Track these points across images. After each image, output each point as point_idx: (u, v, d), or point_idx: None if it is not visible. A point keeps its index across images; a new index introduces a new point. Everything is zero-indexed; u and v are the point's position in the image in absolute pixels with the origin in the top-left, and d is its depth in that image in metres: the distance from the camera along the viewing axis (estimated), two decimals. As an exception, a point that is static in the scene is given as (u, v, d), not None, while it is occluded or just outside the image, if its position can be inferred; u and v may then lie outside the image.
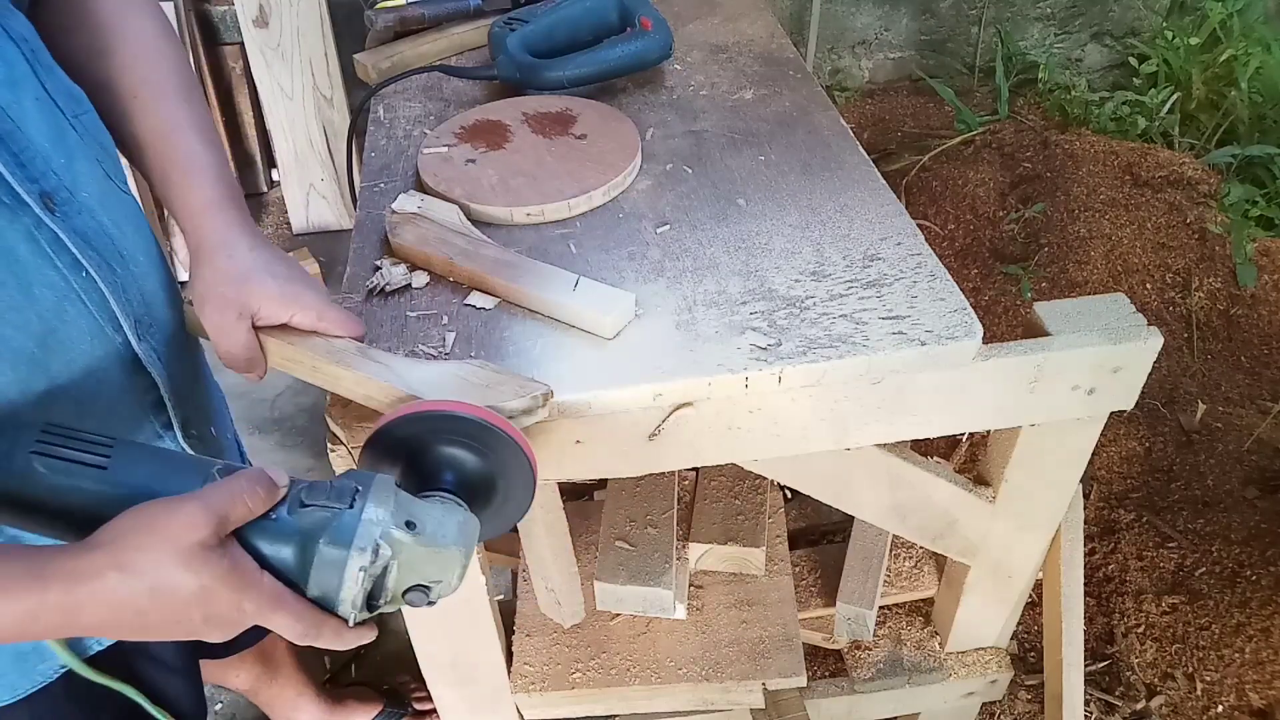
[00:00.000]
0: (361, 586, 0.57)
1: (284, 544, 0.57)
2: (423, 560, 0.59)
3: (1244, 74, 2.52)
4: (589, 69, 1.09)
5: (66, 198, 0.68)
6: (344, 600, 0.58)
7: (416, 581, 0.60)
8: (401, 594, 0.60)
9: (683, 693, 1.10)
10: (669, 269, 0.83)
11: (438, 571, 0.60)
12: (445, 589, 0.62)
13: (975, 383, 0.77)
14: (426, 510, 0.61)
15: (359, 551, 0.56)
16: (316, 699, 1.50)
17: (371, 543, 0.57)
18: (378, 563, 0.57)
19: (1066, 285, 2.16)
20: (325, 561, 0.57)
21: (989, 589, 1.05)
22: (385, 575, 0.58)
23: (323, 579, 0.57)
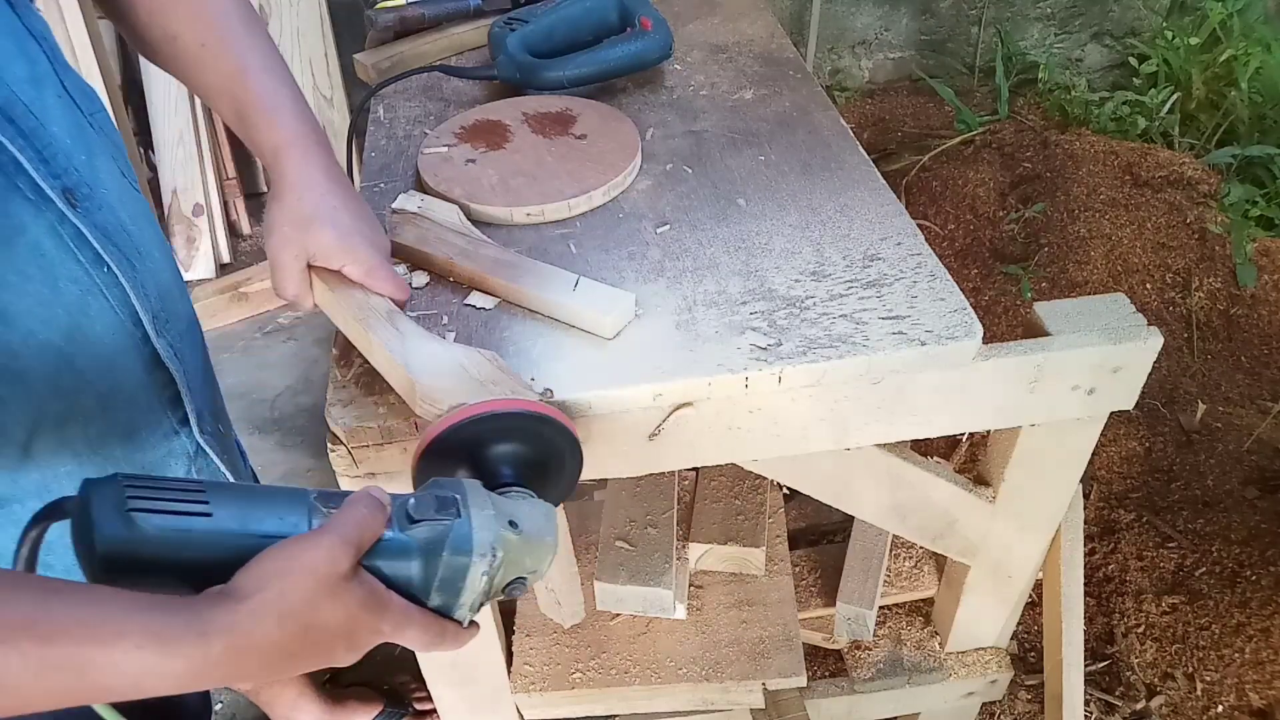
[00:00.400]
0: (482, 590, 0.60)
1: (407, 561, 0.58)
2: (525, 554, 0.62)
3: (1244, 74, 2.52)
4: (589, 69, 1.09)
5: (88, 193, 0.68)
6: (463, 605, 0.60)
7: (518, 575, 0.62)
8: (503, 588, 0.62)
9: (683, 693, 1.10)
10: (669, 269, 0.83)
11: (534, 562, 0.63)
12: (538, 577, 0.64)
13: (975, 383, 0.77)
14: (518, 507, 0.63)
15: (480, 558, 0.58)
16: (317, 699, 1.50)
17: (489, 548, 0.59)
18: (495, 565, 0.59)
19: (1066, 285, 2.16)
20: (451, 572, 0.58)
21: (989, 589, 1.05)
22: (494, 578, 0.61)
23: (446, 588, 0.59)
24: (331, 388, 0.74)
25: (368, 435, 0.71)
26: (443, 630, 0.60)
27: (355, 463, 0.73)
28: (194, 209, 2.54)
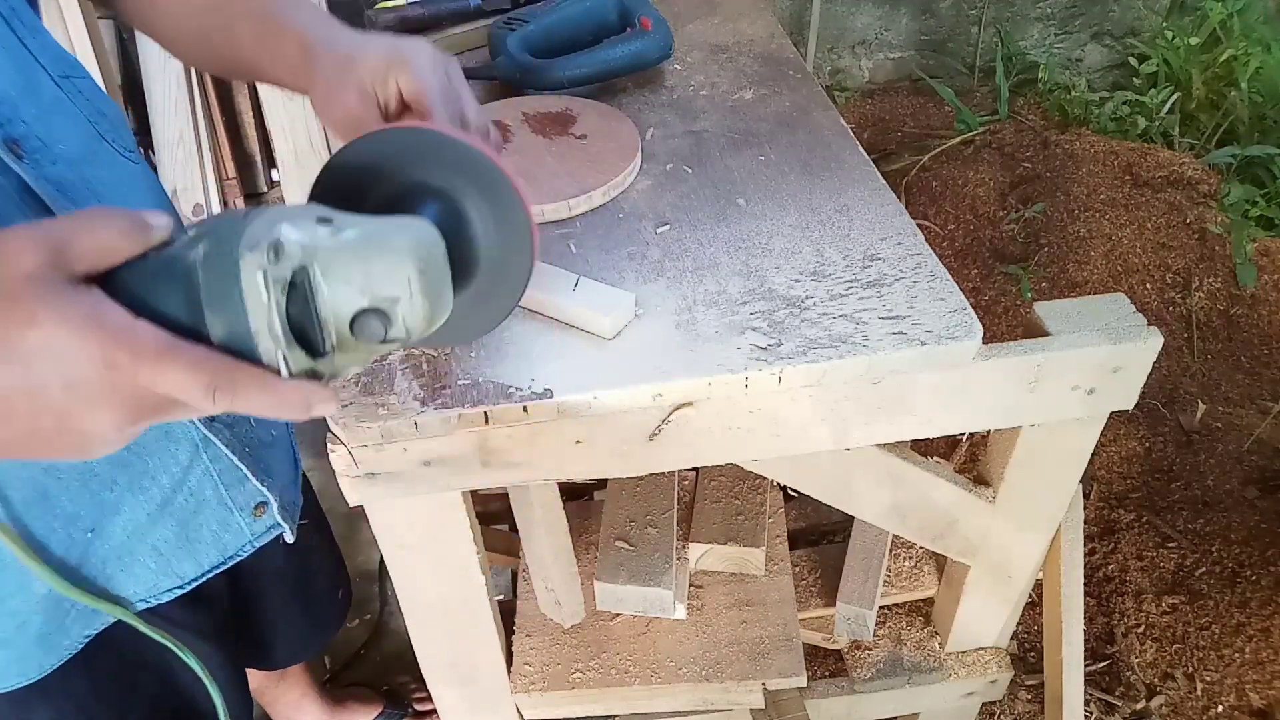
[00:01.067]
0: (274, 302, 0.42)
1: (163, 281, 0.43)
2: (357, 265, 0.44)
3: (1244, 74, 2.52)
4: (589, 69, 1.09)
5: (38, 146, 0.66)
6: (258, 331, 0.42)
7: (362, 304, 0.45)
8: (349, 325, 0.45)
9: (683, 693, 1.10)
10: (669, 269, 0.83)
11: (384, 283, 0.45)
12: (410, 314, 0.47)
13: (975, 383, 0.77)
14: (355, 217, 0.46)
15: (251, 249, 0.41)
16: (319, 700, 1.50)
17: (268, 237, 0.42)
18: (283, 263, 0.42)
19: (1066, 285, 2.16)
20: (213, 275, 0.41)
21: (989, 589, 1.05)
22: (312, 294, 0.44)
23: (219, 303, 0.42)
24: (331, 388, 0.74)
25: (368, 435, 0.71)
26: (231, 372, 0.43)
27: (355, 463, 0.73)
28: (194, 209, 2.54)
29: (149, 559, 0.83)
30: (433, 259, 0.49)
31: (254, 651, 1.17)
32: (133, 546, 0.81)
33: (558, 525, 1.02)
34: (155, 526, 0.82)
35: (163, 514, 0.82)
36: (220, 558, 0.89)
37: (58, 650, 0.81)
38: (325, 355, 0.45)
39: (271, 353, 0.43)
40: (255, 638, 1.15)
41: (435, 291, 0.48)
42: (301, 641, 1.27)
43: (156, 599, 0.85)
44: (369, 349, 0.46)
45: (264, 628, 1.15)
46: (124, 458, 0.77)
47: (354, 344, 0.46)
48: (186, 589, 0.87)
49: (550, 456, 0.76)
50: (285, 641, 1.22)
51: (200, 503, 0.84)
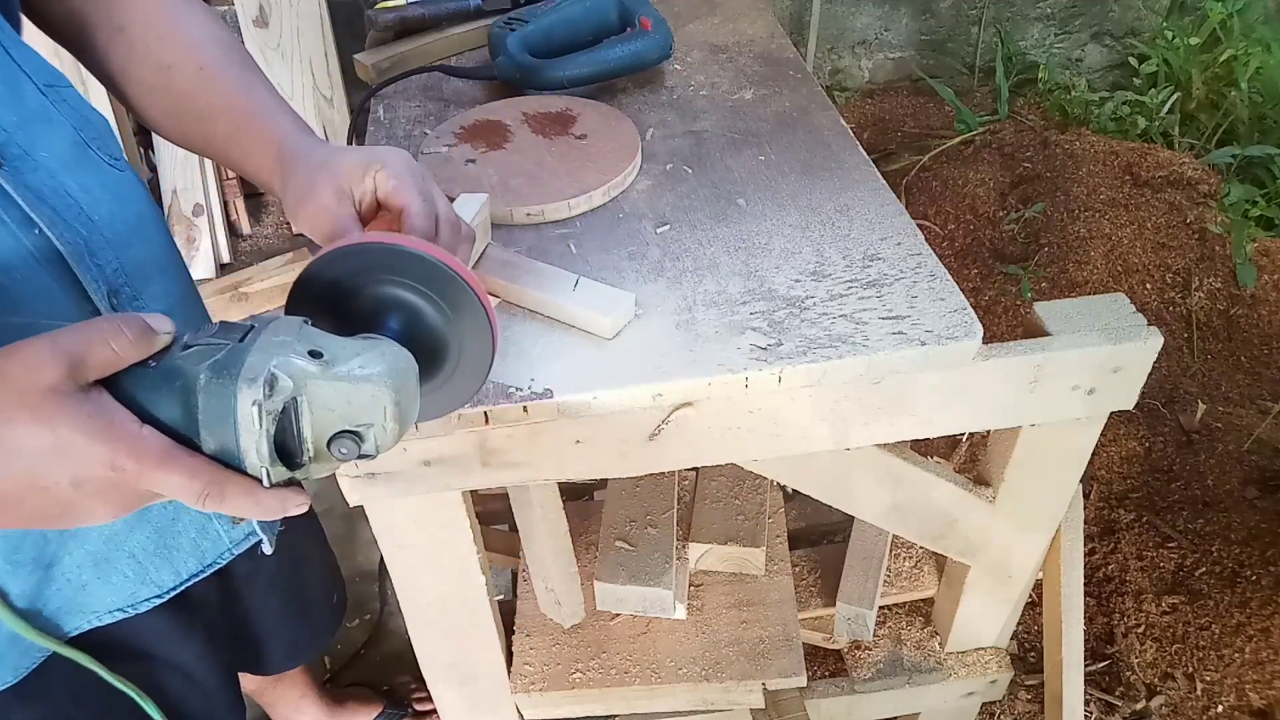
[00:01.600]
0: (264, 429, 0.48)
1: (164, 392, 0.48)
2: (339, 397, 0.50)
3: (1244, 74, 2.52)
4: (589, 69, 1.09)
5: (19, 154, 0.66)
6: (246, 450, 0.48)
7: (340, 427, 0.51)
8: (326, 444, 0.51)
9: (683, 693, 1.10)
10: (669, 269, 0.83)
11: (362, 411, 0.51)
12: (382, 437, 0.52)
13: (975, 383, 0.77)
14: (341, 343, 0.52)
15: (249, 383, 0.47)
16: (319, 700, 1.50)
17: (264, 371, 0.47)
18: (276, 397, 0.48)
19: (1066, 285, 2.16)
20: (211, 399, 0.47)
21: (989, 589, 1.05)
22: (297, 419, 0.49)
23: (215, 424, 0.47)
24: (331, 388, 0.74)
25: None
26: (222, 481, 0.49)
27: (355, 463, 0.73)
28: (194, 209, 2.54)
29: (126, 567, 0.82)
30: (407, 388, 0.54)
31: (248, 657, 1.16)
32: (109, 553, 0.80)
33: (558, 525, 1.02)
34: (133, 533, 0.81)
35: (140, 520, 0.81)
36: (198, 565, 0.88)
37: (30, 652, 0.80)
38: (302, 466, 0.51)
39: (256, 467, 0.49)
40: (249, 643, 1.14)
41: (406, 415, 0.54)
42: (296, 647, 1.27)
43: (135, 608, 0.84)
44: (338, 461, 0.52)
45: (258, 634, 1.14)
46: None
47: (327, 458, 0.52)
48: (165, 598, 0.87)
49: (550, 456, 0.76)
50: (280, 647, 1.21)
51: (177, 510, 0.84)
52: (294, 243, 2.67)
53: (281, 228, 2.76)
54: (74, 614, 0.82)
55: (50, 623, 0.81)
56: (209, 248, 2.55)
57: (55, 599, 0.80)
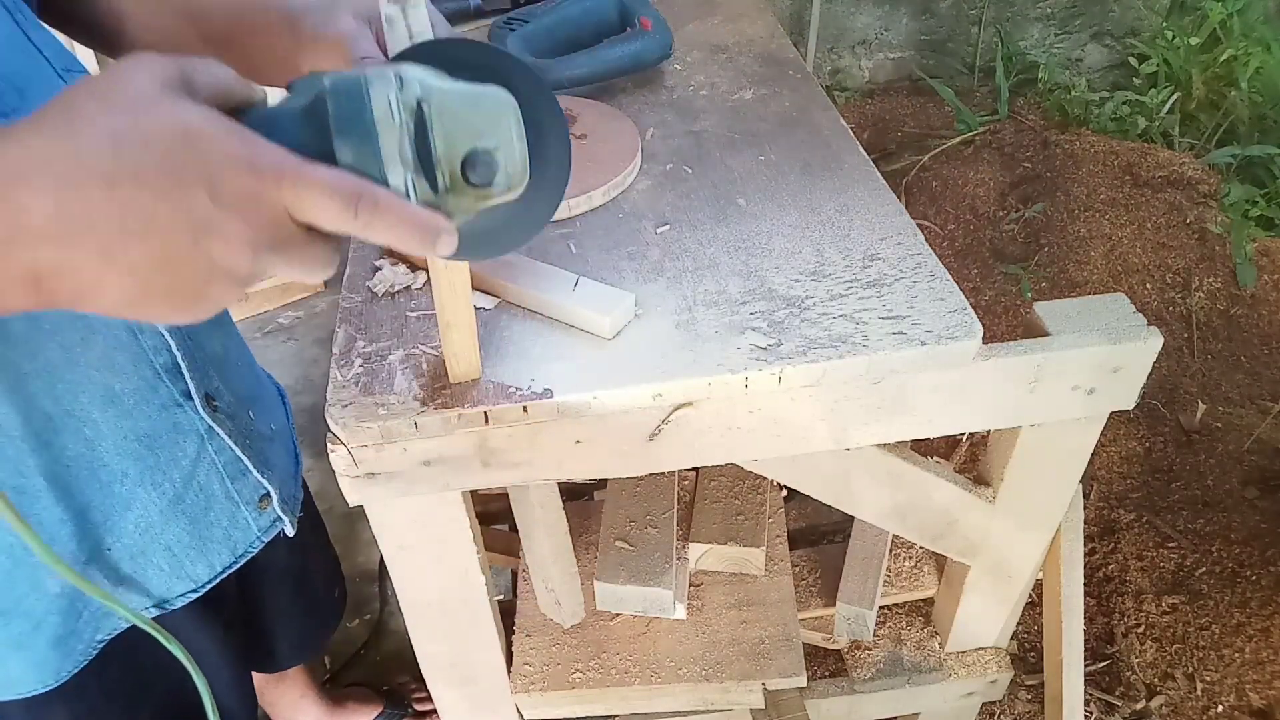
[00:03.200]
0: (403, 126, 0.45)
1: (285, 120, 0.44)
2: (465, 108, 0.47)
3: (1244, 74, 2.52)
4: (589, 69, 1.09)
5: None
6: (388, 155, 0.45)
7: (471, 145, 0.48)
8: (460, 167, 0.48)
9: (683, 693, 1.10)
10: (669, 269, 0.83)
11: (489, 125, 0.48)
12: (511, 162, 0.49)
13: (975, 383, 0.77)
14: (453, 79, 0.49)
15: (379, 80, 0.44)
16: (319, 700, 1.50)
17: (390, 72, 0.45)
18: (407, 92, 0.45)
19: (1066, 285, 2.16)
20: (344, 102, 0.44)
21: (989, 589, 1.05)
22: (428, 131, 0.46)
23: (350, 128, 0.44)
24: (331, 388, 0.74)
25: (368, 435, 0.71)
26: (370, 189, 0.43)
27: (355, 463, 0.73)
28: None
29: (162, 560, 0.83)
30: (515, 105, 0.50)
31: (258, 653, 1.17)
32: (145, 546, 0.81)
33: (558, 525, 1.02)
34: (168, 525, 0.81)
35: (175, 512, 0.81)
36: (231, 557, 0.89)
37: (73, 655, 0.80)
38: (439, 193, 0.47)
39: (400, 178, 0.45)
40: (259, 639, 1.15)
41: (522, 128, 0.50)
42: (303, 641, 1.27)
43: (170, 604, 0.84)
44: (474, 196, 0.49)
45: (268, 628, 1.15)
46: (133, 448, 0.76)
47: (463, 187, 0.48)
48: (200, 592, 0.87)
49: (550, 456, 0.76)
50: (287, 642, 1.22)
51: (209, 499, 0.84)
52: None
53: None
54: (111, 615, 0.82)
55: (91, 623, 0.81)
56: (209, 248, 2.55)
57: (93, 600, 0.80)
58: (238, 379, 0.89)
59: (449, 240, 0.47)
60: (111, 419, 0.74)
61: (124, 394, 0.74)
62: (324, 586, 1.27)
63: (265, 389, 0.98)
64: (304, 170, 0.42)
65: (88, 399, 0.72)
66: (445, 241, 0.47)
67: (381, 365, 0.76)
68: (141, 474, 0.78)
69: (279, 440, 0.96)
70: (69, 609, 0.78)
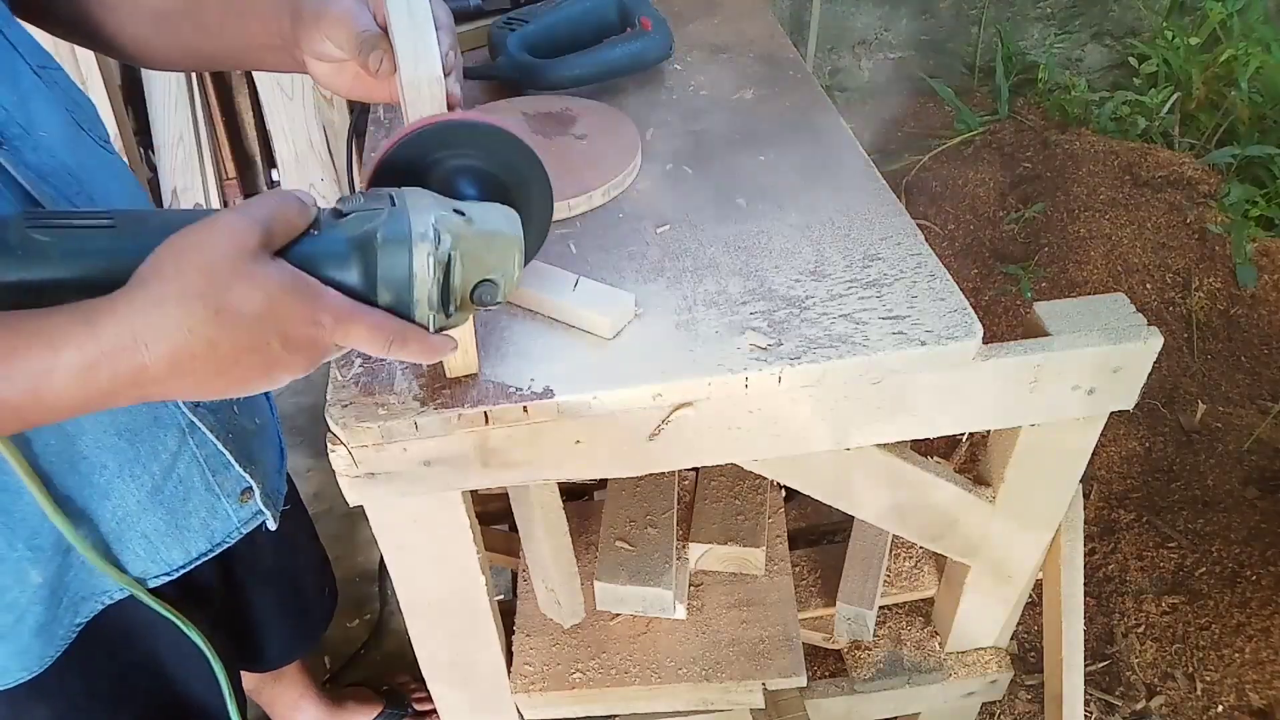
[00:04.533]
0: (434, 278, 0.55)
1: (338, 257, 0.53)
2: (481, 249, 0.57)
3: (1244, 74, 2.52)
4: (589, 69, 1.09)
5: (18, 133, 0.67)
6: (419, 300, 0.55)
7: (480, 276, 0.58)
8: (470, 294, 0.58)
9: (683, 693, 1.10)
10: (669, 269, 0.83)
11: (498, 261, 0.58)
12: (508, 282, 0.59)
13: (975, 383, 0.77)
14: (465, 204, 0.59)
15: (421, 239, 0.53)
16: (318, 700, 1.50)
17: (431, 229, 0.54)
18: (441, 249, 0.55)
19: (1066, 285, 2.16)
20: (390, 258, 0.53)
21: (989, 589, 1.05)
22: (450, 272, 0.56)
23: (391, 279, 0.54)
24: (331, 388, 0.74)
25: (368, 435, 0.71)
26: (403, 330, 0.55)
27: (355, 463, 0.73)
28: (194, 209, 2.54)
29: (138, 546, 0.83)
30: (519, 232, 0.61)
31: (246, 652, 1.17)
32: (121, 533, 0.81)
33: (558, 525, 1.02)
34: (145, 514, 0.82)
35: (153, 502, 0.82)
36: (208, 545, 0.89)
37: (54, 641, 0.81)
38: (451, 315, 0.58)
39: (425, 317, 0.56)
40: (247, 638, 1.15)
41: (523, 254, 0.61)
42: (292, 641, 1.27)
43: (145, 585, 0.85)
44: (473, 310, 0.60)
45: (255, 628, 1.15)
46: (112, 442, 0.77)
47: (469, 306, 0.59)
48: (174, 576, 0.87)
49: (550, 456, 0.76)
50: (277, 641, 1.22)
51: (189, 490, 0.85)
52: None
53: (281, 228, 2.76)
54: (89, 598, 0.83)
55: (70, 609, 0.81)
56: (209, 248, 2.55)
57: (74, 584, 0.81)
58: None
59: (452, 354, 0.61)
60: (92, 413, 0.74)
61: None
62: (313, 586, 1.26)
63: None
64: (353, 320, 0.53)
65: None
66: (451, 353, 0.60)
67: (381, 365, 0.76)
68: (121, 466, 0.78)
69: (264, 435, 0.96)
70: (50, 597, 0.78)
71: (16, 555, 0.74)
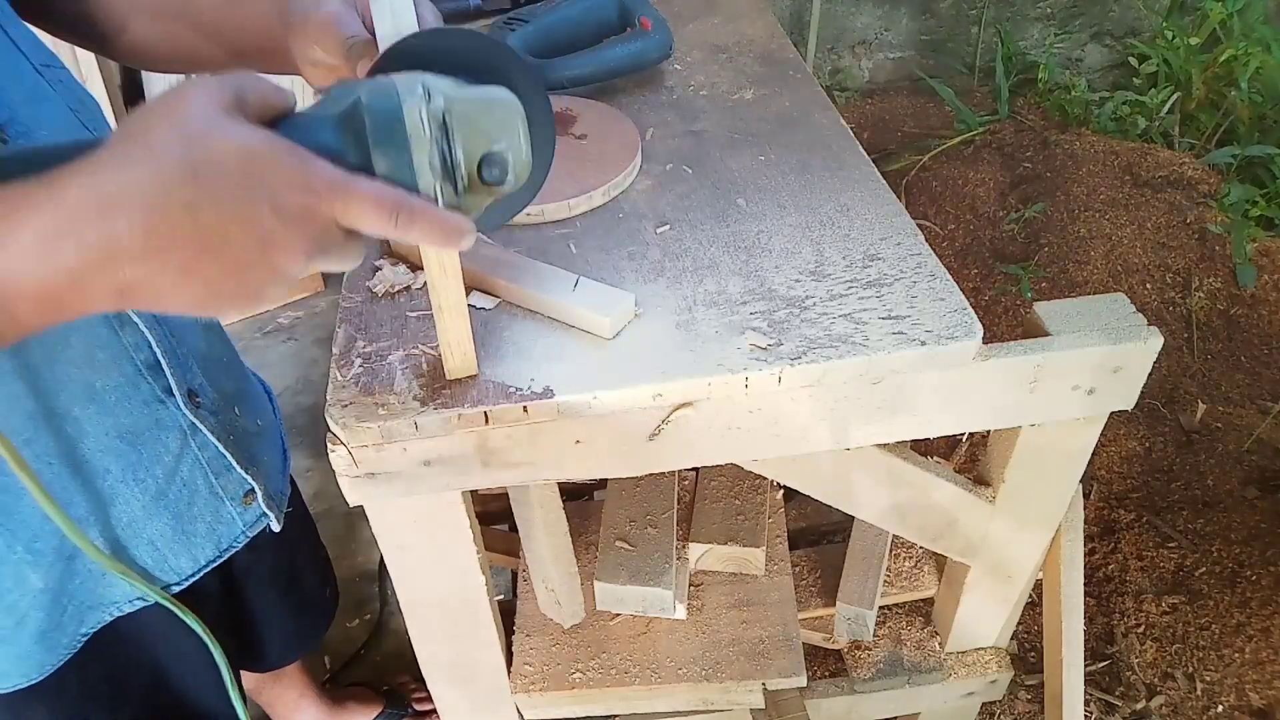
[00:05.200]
0: (430, 136, 0.49)
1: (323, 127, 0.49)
2: (479, 113, 0.52)
3: (1244, 74, 2.52)
4: (589, 69, 1.09)
5: (22, 131, 0.67)
6: (420, 166, 0.50)
7: (485, 148, 0.52)
8: (477, 169, 0.52)
9: (683, 693, 1.10)
10: (669, 269, 0.84)
11: (501, 129, 0.53)
12: (518, 161, 0.54)
13: (975, 383, 0.77)
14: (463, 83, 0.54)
15: (409, 94, 0.49)
16: (318, 700, 1.50)
17: (419, 85, 0.49)
18: (434, 105, 0.50)
19: (1066, 285, 2.16)
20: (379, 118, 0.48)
21: (989, 589, 1.05)
22: (450, 140, 0.51)
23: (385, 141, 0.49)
24: (331, 388, 0.74)
25: (368, 435, 0.71)
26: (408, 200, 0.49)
27: (355, 463, 0.73)
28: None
29: (145, 554, 0.83)
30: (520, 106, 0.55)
31: (247, 652, 1.17)
32: (129, 540, 0.81)
33: (558, 525, 1.02)
34: (151, 520, 0.82)
35: (158, 507, 0.82)
36: (215, 551, 0.89)
37: (57, 649, 0.81)
38: (459, 194, 0.52)
39: (430, 185, 0.50)
40: (248, 638, 1.15)
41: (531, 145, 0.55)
42: (293, 641, 1.27)
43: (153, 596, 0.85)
44: (486, 193, 0.53)
45: (256, 628, 1.15)
46: (114, 445, 0.77)
47: (479, 186, 0.53)
48: (185, 584, 0.87)
49: (550, 456, 0.76)
50: (277, 641, 1.22)
51: (193, 494, 0.84)
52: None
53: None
54: (95, 608, 0.82)
55: (75, 617, 0.81)
56: (209, 248, 2.55)
57: (79, 593, 0.80)
58: (223, 375, 0.89)
59: (470, 237, 0.52)
60: (93, 416, 0.74)
61: (105, 391, 0.74)
62: (314, 585, 1.26)
63: (251, 385, 0.98)
64: (351, 185, 0.47)
65: (68, 396, 0.72)
66: (467, 239, 0.51)
67: (381, 365, 0.76)
68: (124, 470, 0.78)
69: (266, 436, 0.96)
70: (53, 604, 0.78)
71: (16, 558, 0.74)
